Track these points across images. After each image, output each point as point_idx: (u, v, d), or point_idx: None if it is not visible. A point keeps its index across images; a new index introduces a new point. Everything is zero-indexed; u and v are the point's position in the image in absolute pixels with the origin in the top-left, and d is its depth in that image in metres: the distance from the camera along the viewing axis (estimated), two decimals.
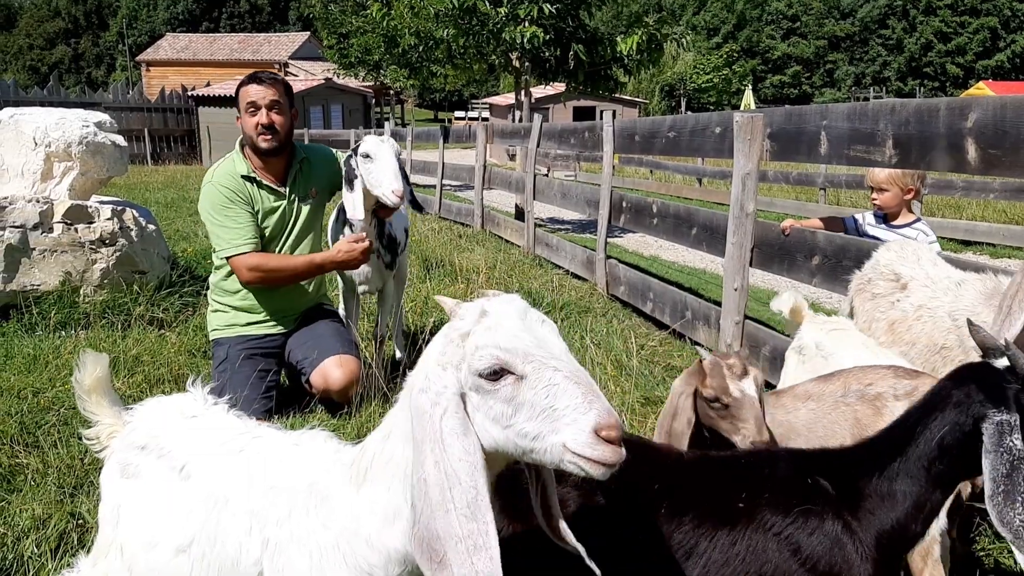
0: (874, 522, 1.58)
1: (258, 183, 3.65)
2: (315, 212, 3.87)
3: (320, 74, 30.29)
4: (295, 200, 3.76)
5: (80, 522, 2.61)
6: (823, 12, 66.30)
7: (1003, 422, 1.45)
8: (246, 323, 3.75)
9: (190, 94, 24.56)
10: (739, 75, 53.80)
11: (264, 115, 3.55)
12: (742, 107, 26.90)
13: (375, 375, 3.72)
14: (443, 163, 12.51)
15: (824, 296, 6.48)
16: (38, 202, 5.01)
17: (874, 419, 2.06)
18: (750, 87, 28.11)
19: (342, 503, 1.38)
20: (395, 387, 1.38)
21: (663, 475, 1.69)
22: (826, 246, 3.78)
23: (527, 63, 13.23)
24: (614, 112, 8.04)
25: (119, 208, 5.36)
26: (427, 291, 5.91)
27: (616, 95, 17.21)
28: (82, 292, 5.03)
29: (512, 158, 19.06)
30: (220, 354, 3.72)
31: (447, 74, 15.02)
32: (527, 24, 12.14)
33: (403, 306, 4.84)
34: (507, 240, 9.50)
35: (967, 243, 10.91)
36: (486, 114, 38.67)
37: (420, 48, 13.44)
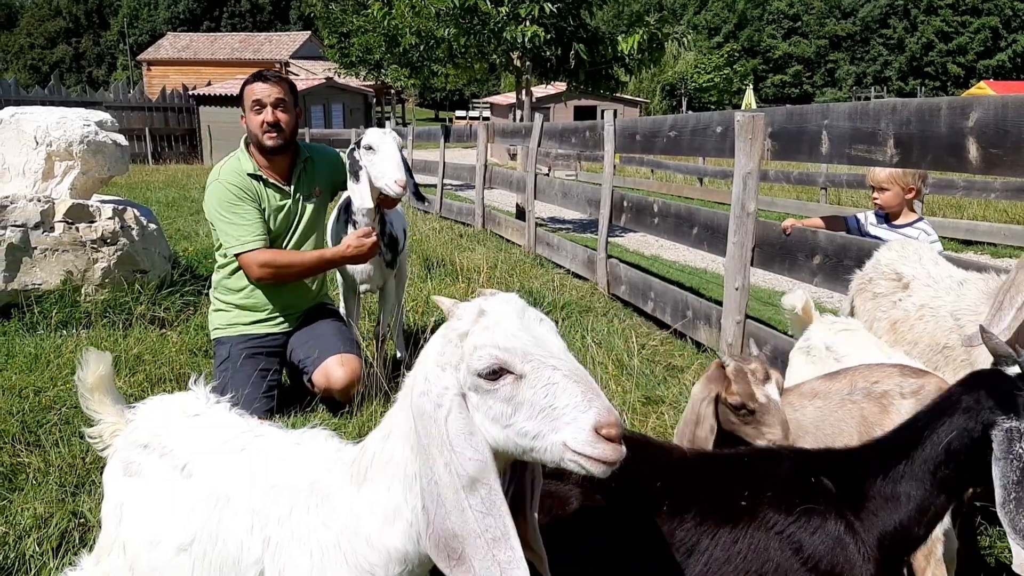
0: (877, 523, 1.57)
1: (264, 181, 3.65)
2: (318, 211, 3.87)
3: (321, 73, 30.32)
4: (300, 199, 3.76)
5: (82, 521, 2.61)
6: (824, 11, 66.27)
7: (1013, 429, 1.44)
8: (249, 322, 3.75)
9: (191, 93, 24.55)
10: (740, 74, 53.81)
11: (270, 113, 3.56)
12: (743, 106, 26.88)
13: (376, 374, 3.73)
14: (444, 162, 12.50)
15: (825, 296, 6.47)
16: (39, 201, 5.01)
17: (881, 417, 2.06)
18: (751, 86, 28.09)
19: (343, 502, 1.37)
20: (396, 386, 1.37)
21: (665, 473, 1.69)
22: (827, 245, 3.78)
23: (528, 62, 13.24)
24: (615, 111, 8.03)
25: (120, 207, 5.36)
26: (428, 291, 5.91)
27: (617, 94, 17.23)
28: (83, 291, 5.03)
29: (513, 157, 19.05)
30: (222, 353, 3.72)
31: (448, 73, 15.02)
32: (528, 23, 12.14)
33: (404, 305, 4.84)
34: (508, 240, 9.49)
35: (968, 243, 10.90)
36: (487, 113, 38.60)
37: (421, 47, 13.45)
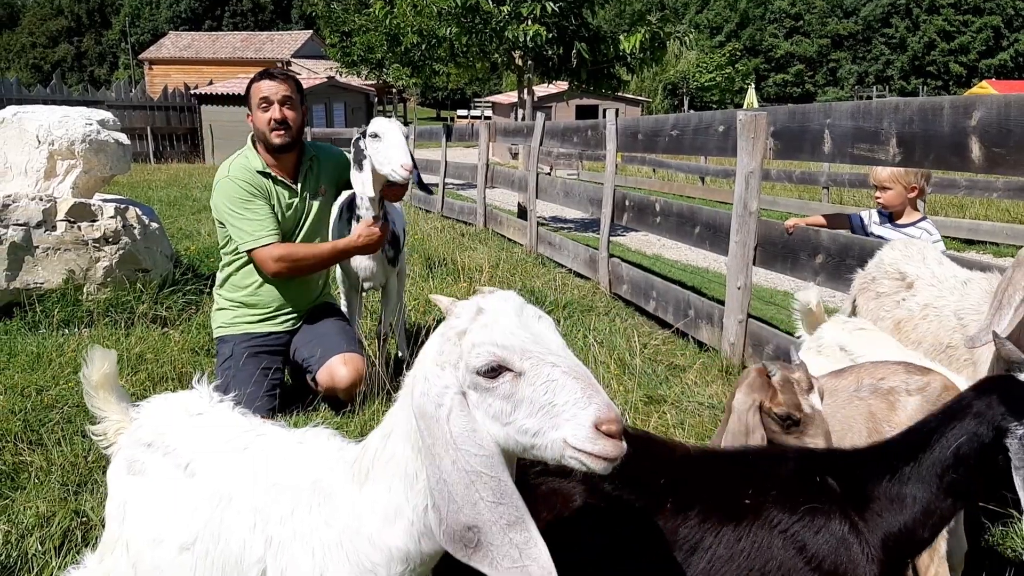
0: (881, 524, 1.57)
1: (274, 179, 3.66)
2: (324, 209, 3.88)
3: (323, 72, 30.30)
4: (306, 197, 3.77)
5: (84, 520, 2.61)
6: (826, 11, 66.20)
7: None
8: (253, 320, 3.74)
9: (193, 92, 24.56)
10: (742, 74, 53.73)
11: (277, 110, 3.56)
12: (745, 105, 26.85)
13: (378, 373, 3.73)
14: (445, 161, 12.50)
15: (827, 295, 6.46)
16: (41, 200, 5.01)
17: (888, 413, 2.05)
18: (753, 85, 28.05)
19: (344, 501, 1.37)
20: (398, 385, 1.37)
21: (669, 470, 1.69)
22: (830, 244, 3.78)
23: (530, 61, 13.24)
24: (617, 110, 8.03)
25: (122, 206, 5.36)
26: (429, 290, 5.91)
27: (619, 93, 17.22)
28: (85, 290, 5.03)
29: (515, 157, 19.04)
30: (225, 351, 3.72)
31: (450, 72, 15.04)
32: (530, 22, 12.14)
33: (405, 304, 4.84)
34: (510, 239, 9.49)
35: (970, 242, 10.89)
36: (489, 112, 38.63)
37: (423, 46, 13.46)
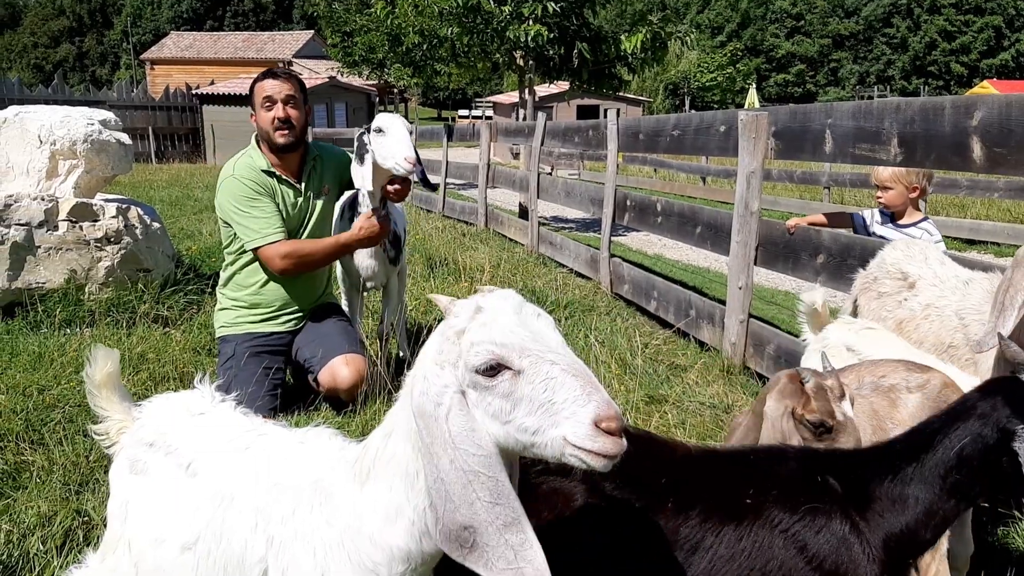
0: (883, 524, 1.57)
1: (278, 178, 3.67)
2: (327, 208, 3.88)
3: (324, 72, 30.30)
4: (310, 196, 3.78)
5: (85, 519, 2.61)
6: (827, 11, 66.16)
7: None
8: (255, 320, 3.75)
9: (194, 92, 24.56)
10: (743, 73, 53.69)
11: (280, 109, 3.57)
12: (746, 105, 26.85)
13: (379, 372, 3.73)
14: (447, 161, 12.50)
15: (828, 295, 6.46)
16: (43, 200, 5.02)
17: (890, 410, 2.05)
18: (754, 85, 28.05)
19: (346, 501, 1.37)
20: (399, 385, 1.37)
21: (670, 470, 1.69)
22: (831, 244, 3.78)
23: (531, 61, 13.24)
24: (618, 110, 8.02)
25: (124, 206, 5.36)
26: (431, 290, 5.91)
27: (620, 93, 17.22)
28: (87, 290, 5.04)
29: (516, 157, 19.04)
30: (226, 351, 3.72)
31: (451, 72, 15.04)
32: (531, 22, 12.14)
33: (406, 304, 4.85)
34: (511, 239, 9.49)
35: (971, 242, 10.89)
36: (490, 112, 38.62)
37: (424, 46, 13.46)
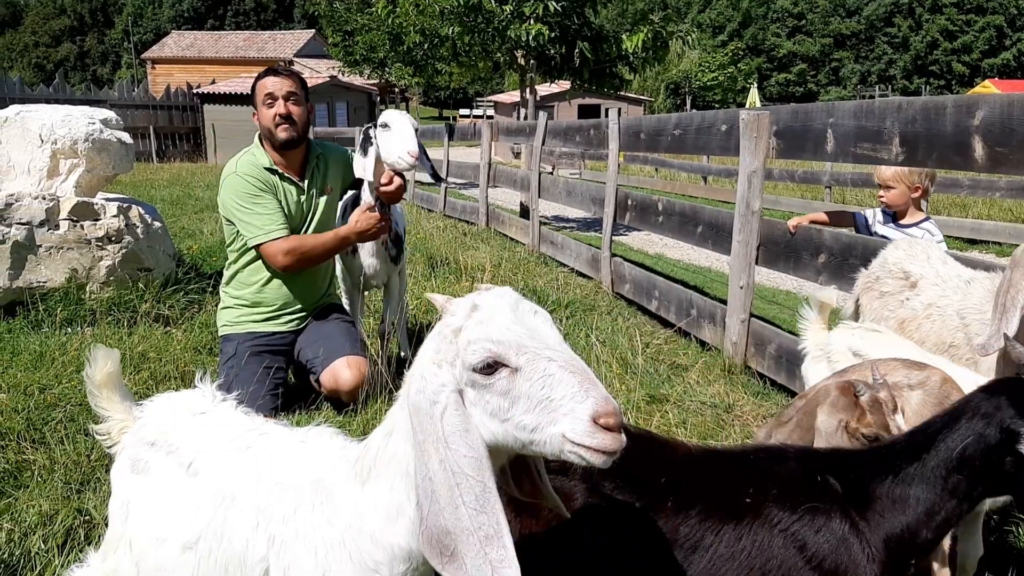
0: (883, 524, 1.56)
1: (280, 176, 3.67)
2: (330, 207, 3.88)
3: (325, 72, 30.32)
4: (313, 194, 3.78)
5: (87, 518, 2.61)
6: (829, 10, 66.13)
7: None
8: (261, 319, 3.74)
9: (195, 91, 24.58)
10: (744, 73, 53.70)
11: (282, 105, 3.57)
12: (747, 105, 26.84)
13: (381, 371, 3.73)
14: (448, 161, 12.50)
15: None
16: (44, 199, 5.02)
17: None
18: (755, 85, 28.04)
19: (347, 500, 1.37)
20: (400, 384, 1.38)
21: (670, 469, 1.69)
22: (832, 244, 3.78)
23: (532, 61, 13.24)
24: (619, 110, 8.02)
25: (125, 205, 5.37)
26: (432, 289, 5.92)
27: (621, 93, 17.24)
28: (88, 289, 5.04)
29: (517, 156, 19.04)
30: (228, 350, 3.72)
31: (452, 72, 15.03)
32: (532, 22, 12.14)
33: (407, 303, 4.85)
34: (512, 238, 9.49)
35: (973, 242, 10.88)
36: (491, 112, 38.60)
37: (425, 46, 13.45)
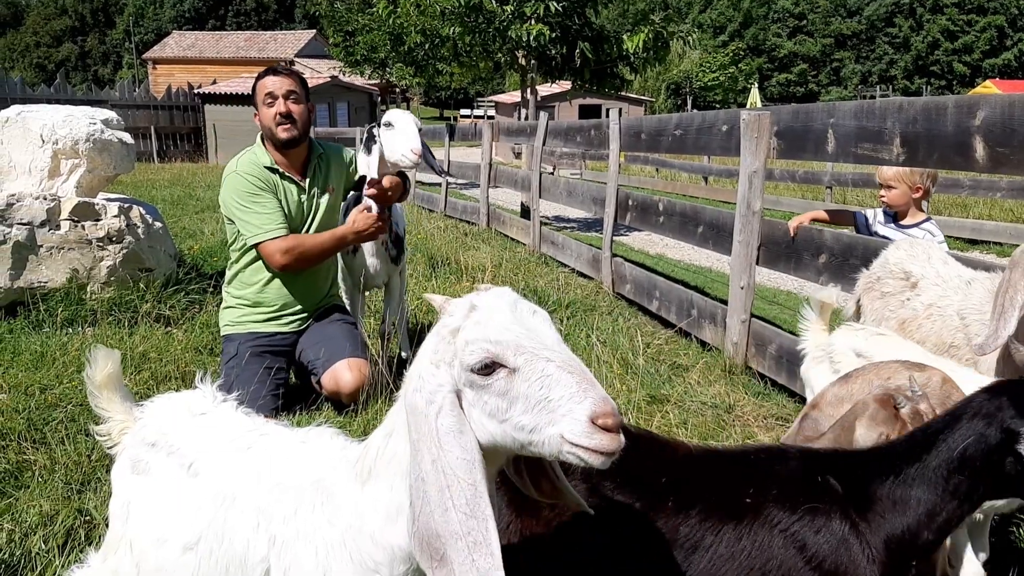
0: (884, 525, 1.56)
1: (281, 175, 3.67)
2: (332, 207, 3.87)
3: (326, 72, 30.33)
4: (315, 194, 3.77)
5: (87, 519, 2.62)
6: (830, 10, 66.13)
7: None
8: (263, 319, 3.74)
9: (196, 92, 24.59)
10: (745, 73, 53.71)
11: (282, 104, 3.57)
12: (748, 105, 26.84)
13: (381, 372, 3.73)
14: (449, 161, 12.51)
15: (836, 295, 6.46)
16: (45, 199, 5.02)
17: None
18: (756, 85, 28.03)
19: (347, 500, 1.37)
20: (401, 384, 1.38)
21: (671, 469, 1.69)
22: (833, 244, 3.77)
23: (533, 61, 13.23)
24: (620, 110, 8.02)
25: (126, 205, 5.37)
26: (433, 290, 5.91)
27: (622, 93, 17.24)
28: (89, 289, 5.04)
29: (518, 156, 19.05)
30: (230, 350, 3.72)
31: (453, 72, 15.03)
32: (533, 22, 12.14)
33: (407, 303, 4.85)
34: (513, 238, 9.49)
35: (974, 242, 10.88)
36: (492, 112, 38.60)
37: (426, 46, 13.45)
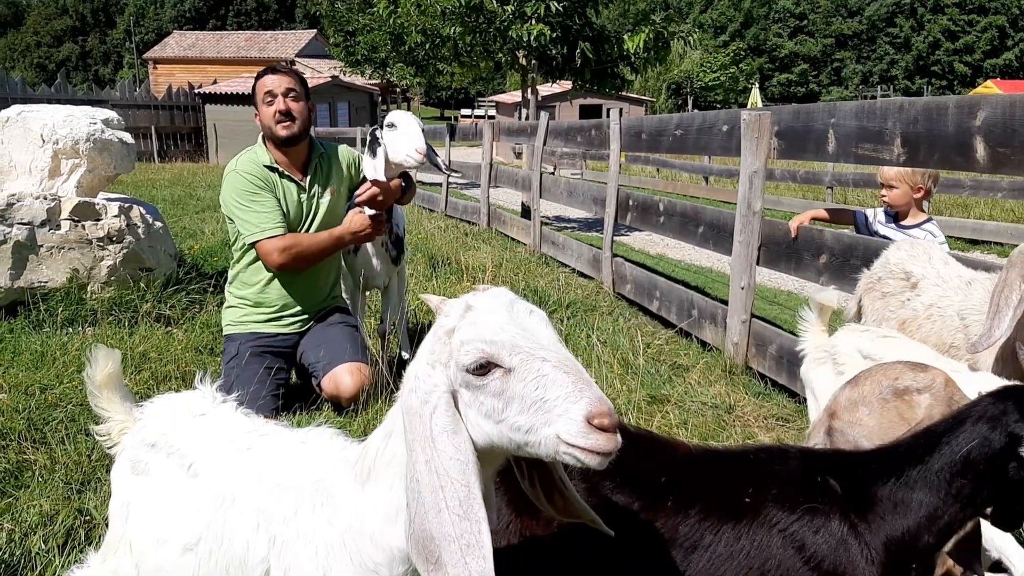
0: (884, 527, 1.55)
1: (281, 174, 3.67)
2: (333, 207, 3.85)
3: (327, 72, 30.33)
4: (315, 193, 3.77)
5: (87, 518, 2.61)
6: (830, 10, 66.12)
7: None
8: (264, 319, 3.74)
9: (197, 91, 24.60)
10: (746, 73, 53.73)
11: (281, 102, 3.58)
12: (749, 105, 26.83)
13: (381, 372, 3.73)
14: (449, 161, 12.50)
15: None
16: (45, 199, 5.02)
17: (909, 413, 2.00)
18: (757, 85, 28.02)
19: (347, 501, 1.37)
20: (400, 384, 1.38)
21: (670, 469, 1.69)
22: (834, 244, 3.77)
23: (534, 61, 13.24)
24: (621, 110, 8.01)
25: (126, 205, 5.37)
26: (433, 290, 5.91)
27: (623, 93, 17.24)
28: (89, 289, 5.04)
29: (518, 156, 19.05)
30: (231, 350, 3.72)
31: (453, 72, 15.04)
32: (534, 22, 12.14)
33: (407, 304, 4.85)
34: (513, 238, 9.49)
35: (975, 242, 10.87)
36: (492, 112, 38.61)
37: (427, 46, 13.46)
